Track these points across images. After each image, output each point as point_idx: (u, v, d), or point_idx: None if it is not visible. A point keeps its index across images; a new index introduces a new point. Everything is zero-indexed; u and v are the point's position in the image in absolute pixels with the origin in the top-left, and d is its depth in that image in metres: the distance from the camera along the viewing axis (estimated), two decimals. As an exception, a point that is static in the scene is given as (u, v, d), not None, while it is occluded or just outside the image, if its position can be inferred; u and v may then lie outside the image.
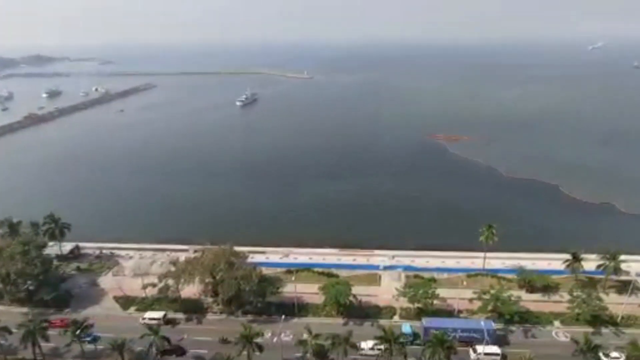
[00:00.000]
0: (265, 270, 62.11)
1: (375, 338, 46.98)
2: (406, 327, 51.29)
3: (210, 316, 56.65)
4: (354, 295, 56.43)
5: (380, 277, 64.72)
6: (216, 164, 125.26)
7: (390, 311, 56.27)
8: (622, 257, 59.65)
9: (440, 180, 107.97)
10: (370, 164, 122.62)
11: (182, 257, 66.64)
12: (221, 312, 56.76)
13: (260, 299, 55.68)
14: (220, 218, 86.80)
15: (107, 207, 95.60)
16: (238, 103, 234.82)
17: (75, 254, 72.59)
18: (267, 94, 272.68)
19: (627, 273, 61.20)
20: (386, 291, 60.37)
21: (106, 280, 65.32)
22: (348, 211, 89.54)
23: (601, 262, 59.46)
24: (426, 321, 50.90)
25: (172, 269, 58.61)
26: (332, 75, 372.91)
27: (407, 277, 63.65)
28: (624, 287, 58.42)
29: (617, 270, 58.44)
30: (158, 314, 55.36)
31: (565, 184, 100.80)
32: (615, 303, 55.54)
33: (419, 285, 56.80)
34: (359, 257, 69.72)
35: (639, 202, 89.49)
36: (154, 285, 57.20)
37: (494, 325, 50.06)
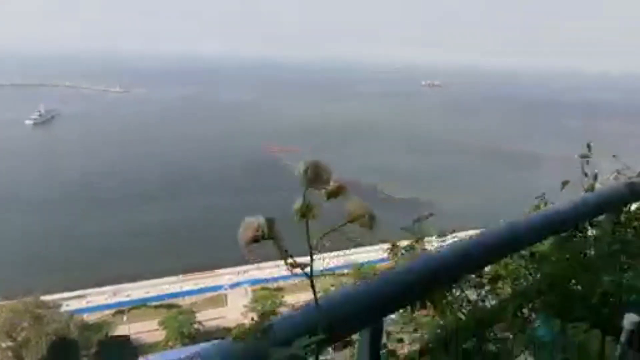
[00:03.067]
0: (89, 317, 52.58)
1: None
2: None
3: (13, 391, 44.23)
4: (200, 322, 52.86)
5: (226, 296, 62.28)
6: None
7: (241, 330, 54.62)
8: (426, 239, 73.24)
9: (275, 190, 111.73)
10: (206, 182, 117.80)
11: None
12: (29, 383, 44.99)
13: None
14: (13, 263, 68.80)
15: None
16: (28, 122, 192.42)
17: None
18: (69, 110, 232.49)
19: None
20: (234, 310, 58.29)
21: None
22: (186, 233, 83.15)
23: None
24: None
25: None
26: (153, 89, 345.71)
27: (253, 291, 62.91)
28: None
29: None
30: None
31: (381, 184, 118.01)
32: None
33: (267, 297, 56.99)
34: (204, 280, 65.59)
35: (435, 196, 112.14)
36: None
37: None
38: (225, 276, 66.58)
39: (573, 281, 2.05)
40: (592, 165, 2.63)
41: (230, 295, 62.16)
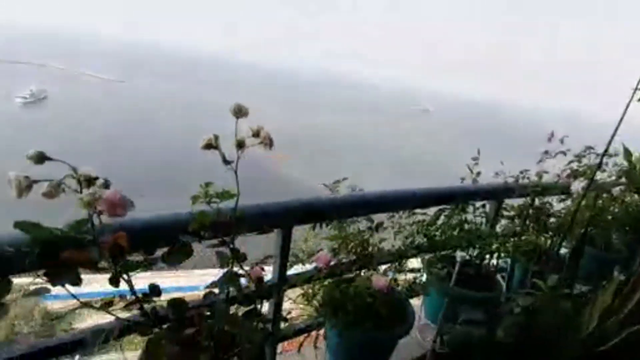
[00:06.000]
0: (56, 305, 51.27)
1: None
2: None
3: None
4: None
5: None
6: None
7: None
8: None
9: (267, 194, 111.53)
10: (198, 182, 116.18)
11: None
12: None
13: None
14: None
15: None
16: (18, 100, 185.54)
17: None
18: (60, 94, 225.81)
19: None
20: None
21: None
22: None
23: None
24: None
25: None
26: (150, 81, 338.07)
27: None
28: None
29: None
30: None
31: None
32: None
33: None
34: (181, 278, 64.67)
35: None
36: None
37: None
38: (203, 276, 65.50)
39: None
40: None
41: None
